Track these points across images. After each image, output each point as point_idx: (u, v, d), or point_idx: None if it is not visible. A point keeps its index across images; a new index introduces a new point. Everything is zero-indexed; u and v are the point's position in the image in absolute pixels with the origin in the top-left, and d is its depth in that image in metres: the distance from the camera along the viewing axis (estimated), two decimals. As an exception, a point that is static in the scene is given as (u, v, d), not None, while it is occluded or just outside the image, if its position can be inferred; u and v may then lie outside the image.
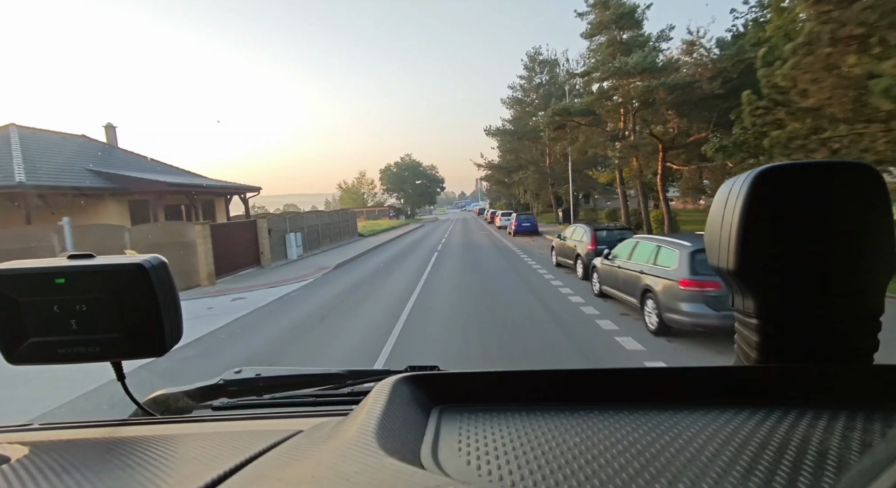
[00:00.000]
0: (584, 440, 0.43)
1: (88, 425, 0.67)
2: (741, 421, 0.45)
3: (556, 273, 11.43)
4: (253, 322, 7.84)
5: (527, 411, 0.51)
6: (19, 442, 0.56)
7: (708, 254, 0.64)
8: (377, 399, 0.49)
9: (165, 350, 0.62)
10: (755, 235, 0.55)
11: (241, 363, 1.62)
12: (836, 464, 0.36)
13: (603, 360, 5.10)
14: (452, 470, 0.40)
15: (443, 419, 0.50)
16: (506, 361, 5.14)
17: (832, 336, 0.56)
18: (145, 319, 0.59)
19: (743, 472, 0.36)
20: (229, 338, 6.92)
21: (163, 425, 0.70)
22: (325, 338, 6.52)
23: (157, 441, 0.58)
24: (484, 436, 0.46)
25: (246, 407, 0.89)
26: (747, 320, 0.60)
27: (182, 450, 0.54)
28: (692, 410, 0.48)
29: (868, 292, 0.55)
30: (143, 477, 0.45)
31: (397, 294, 9.43)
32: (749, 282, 0.57)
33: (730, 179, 0.60)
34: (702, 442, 0.41)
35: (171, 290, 0.62)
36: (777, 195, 0.55)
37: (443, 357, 5.38)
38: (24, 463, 0.48)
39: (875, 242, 0.54)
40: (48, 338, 0.58)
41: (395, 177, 77.05)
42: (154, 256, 0.62)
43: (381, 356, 5.53)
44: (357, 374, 0.98)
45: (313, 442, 0.50)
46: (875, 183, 0.54)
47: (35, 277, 0.57)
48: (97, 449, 0.55)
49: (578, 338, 5.97)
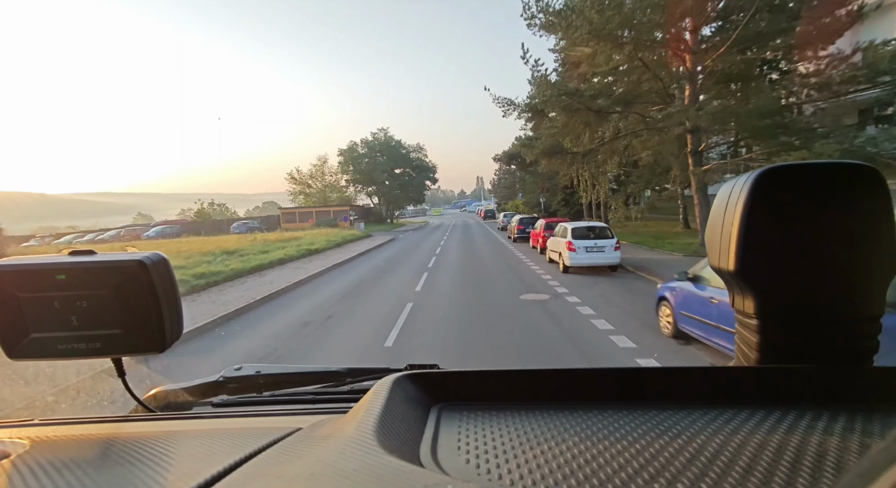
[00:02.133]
0: (584, 439, 0.43)
1: (88, 421, 0.67)
2: (740, 422, 0.45)
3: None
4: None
5: (526, 410, 0.51)
6: (19, 438, 0.56)
7: (708, 255, 0.64)
8: (377, 397, 0.49)
9: (166, 346, 0.62)
10: (755, 236, 0.55)
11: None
12: (835, 466, 0.37)
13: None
14: (451, 469, 0.40)
15: (442, 417, 0.51)
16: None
17: (832, 337, 0.56)
18: (146, 316, 0.59)
19: (742, 473, 0.36)
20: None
21: (163, 421, 0.70)
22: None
23: (157, 437, 0.58)
24: (483, 435, 0.46)
25: (246, 404, 0.89)
26: (747, 320, 0.60)
27: (182, 447, 0.54)
28: (691, 410, 0.49)
29: (868, 293, 0.55)
30: (142, 474, 0.45)
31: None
32: (749, 282, 0.57)
33: (730, 180, 0.60)
34: (701, 442, 0.41)
35: (172, 287, 0.62)
36: (777, 196, 0.55)
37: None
38: (25, 458, 0.49)
39: (875, 243, 0.54)
40: (49, 333, 0.58)
41: (364, 163, 51.26)
42: (155, 253, 0.62)
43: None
44: (357, 372, 0.98)
45: (313, 439, 0.50)
46: (876, 183, 0.53)
47: (36, 273, 0.57)
48: (97, 446, 0.55)
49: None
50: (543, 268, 11.99)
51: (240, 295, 9.42)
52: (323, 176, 53.76)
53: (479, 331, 6.33)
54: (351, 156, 52.02)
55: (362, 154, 52.50)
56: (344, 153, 52.34)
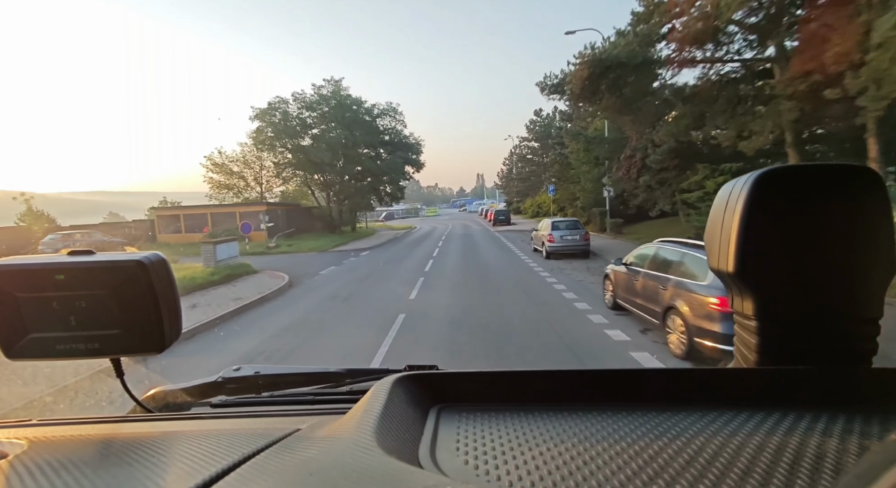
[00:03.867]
0: (583, 440, 0.43)
1: (87, 421, 0.67)
2: (739, 423, 0.45)
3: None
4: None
5: (525, 411, 0.51)
6: (17, 438, 0.56)
7: (708, 256, 0.64)
8: (375, 398, 0.49)
9: (165, 347, 0.62)
10: (755, 237, 0.55)
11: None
12: (834, 467, 0.37)
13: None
14: (450, 470, 0.40)
15: (441, 418, 0.51)
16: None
17: (831, 338, 0.56)
18: (144, 316, 0.59)
19: (741, 474, 0.36)
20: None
21: (161, 422, 0.70)
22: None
23: (156, 438, 0.58)
24: (482, 436, 0.46)
25: (244, 404, 0.89)
26: (746, 322, 0.60)
27: (180, 448, 0.54)
28: (690, 412, 0.49)
29: (867, 295, 0.55)
30: (141, 474, 0.45)
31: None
32: (748, 283, 0.57)
33: (730, 181, 0.60)
34: (700, 443, 0.41)
35: (171, 287, 0.62)
36: (777, 197, 0.55)
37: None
38: (23, 458, 0.48)
39: (874, 245, 0.54)
40: (47, 333, 0.58)
41: (290, 130, 28.57)
42: (154, 253, 0.62)
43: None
44: (356, 373, 0.98)
45: (311, 440, 0.50)
46: (874, 185, 0.54)
47: (35, 273, 0.57)
48: (95, 446, 0.55)
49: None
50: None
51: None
52: (257, 161, 31.40)
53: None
54: (269, 123, 27.97)
55: (291, 126, 28.18)
56: (261, 116, 27.80)
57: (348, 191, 30.51)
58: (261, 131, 28.56)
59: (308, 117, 29.46)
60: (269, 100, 31.02)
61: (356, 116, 29.59)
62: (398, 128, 33.35)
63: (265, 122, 28.35)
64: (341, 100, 29.32)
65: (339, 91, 29.68)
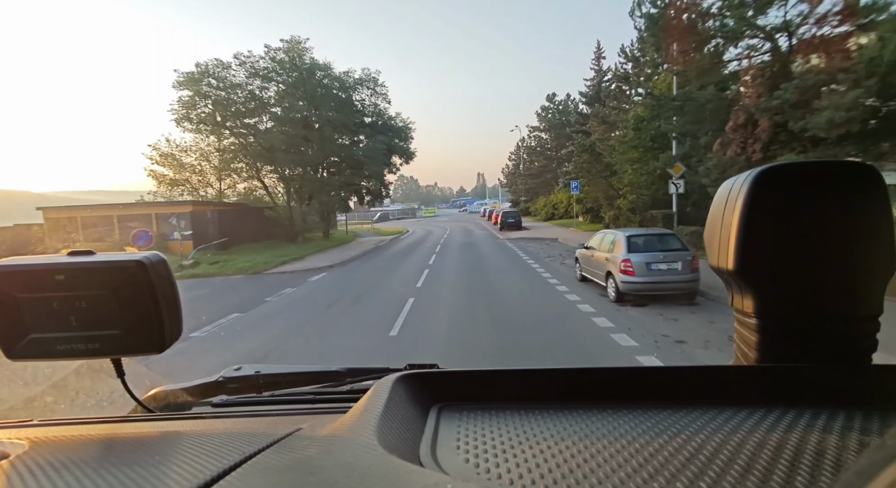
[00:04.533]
0: (582, 438, 0.43)
1: (88, 421, 0.67)
2: (739, 421, 0.45)
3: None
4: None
5: (525, 410, 0.51)
6: (18, 438, 0.56)
7: (707, 254, 0.64)
8: (376, 397, 0.49)
9: (165, 347, 0.62)
10: (754, 235, 0.55)
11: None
12: (834, 464, 0.37)
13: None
14: (451, 468, 0.40)
15: (441, 417, 0.51)
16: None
17: (831, 336, 0.56)
18: (145, 316, 0.59)
19: (741, 471, 0.36)
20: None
21: (162, 422, 0.70)
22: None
23: (157, 437, 0.58)
24: (482, 435, 0.46)
25: (245, 404, 0.89)
26: (746, 320, 0.60)
27: (181, 447, 0.54)
28: (690, 409, 0.49)
29: (867, 292, 0.55)
30: (142, 474, 0.45)
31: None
32: (748, 281, 0.57)
33: (729, 179, 0.60)
34: (700, 441, 0.41)
35: (171, 287, 0.62)
36: (776, 195, 0.55)
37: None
38: (24, 459, 0.48)
39: (874, 242, 0.54)
40: (48, 334, 0.58)
41: (239, 111, 20.76)
42: (154, 253, 0.62)
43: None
44: (356, 372, 0.98)
45: (312, 439, 0.50)
46: (875, 182, 0.54)
47: (35, 273, 0.57)
48: (96, 446, 0.55)
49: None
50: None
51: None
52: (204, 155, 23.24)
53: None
54: (197, 91, 20.59)
55: (232, 97, 21.01)
56: (188, 83, 20.44)
57: (313, 186, 22.34)
58: (190, 104, 20.53)
59: (257, 88, 21.39)
60: (200, 61, 22.82)
61: (324, 90, 21.64)
62: (381, 107, 24.79)
63: (196, 92, 20.36)
64: (304, 66, 21.09)
65: (299, 54, 21.22)
